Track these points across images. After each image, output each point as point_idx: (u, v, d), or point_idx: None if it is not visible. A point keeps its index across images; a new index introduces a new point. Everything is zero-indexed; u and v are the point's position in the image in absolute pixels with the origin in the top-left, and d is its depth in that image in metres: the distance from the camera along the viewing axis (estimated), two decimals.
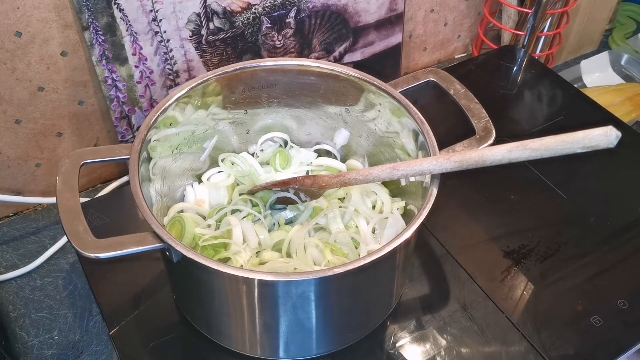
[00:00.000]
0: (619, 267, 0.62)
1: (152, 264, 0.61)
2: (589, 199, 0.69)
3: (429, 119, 0.55)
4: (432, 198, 0.49)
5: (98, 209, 0.66)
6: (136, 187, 0.48)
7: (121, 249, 0.45)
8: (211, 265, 0.43)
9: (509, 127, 0.78)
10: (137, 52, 0.67)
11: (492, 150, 0.46)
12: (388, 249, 0.45)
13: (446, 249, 0.63)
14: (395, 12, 0.82)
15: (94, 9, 0.62)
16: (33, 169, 0.71)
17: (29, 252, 0.69)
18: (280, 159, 0.65)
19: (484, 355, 0.55)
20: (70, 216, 0.46)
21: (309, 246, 0.56)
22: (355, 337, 0.56)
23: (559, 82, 0.84)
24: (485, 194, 0.69)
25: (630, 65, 0.96)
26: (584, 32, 0.96)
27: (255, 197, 0.62)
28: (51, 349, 0.60)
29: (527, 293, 0.60)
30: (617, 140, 0.39)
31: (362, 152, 0.66)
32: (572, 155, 0.42)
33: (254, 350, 0.54)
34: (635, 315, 0.58)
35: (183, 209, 0.61)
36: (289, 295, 0.47)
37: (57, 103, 0.68)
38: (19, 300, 0.64)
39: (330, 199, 0.62)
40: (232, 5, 0.69)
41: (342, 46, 0.81)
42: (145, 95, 0.71)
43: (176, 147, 0.59)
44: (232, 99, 0.61)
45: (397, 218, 0.58)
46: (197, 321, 0.56)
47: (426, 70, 0.63)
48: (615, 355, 0.55)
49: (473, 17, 0.96)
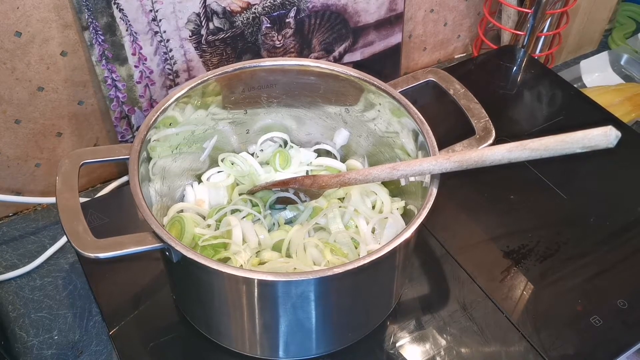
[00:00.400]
0: (618, 267, 0.62)
1: (152, 264, 0.61)
2: (588, 199, 0.69)
3: (428, 119, 0.55)
4: (431, 198, 0.49)
5: (98, 209, 0.66)
6: (136, 187, 0.48)
7: (121, 249, 0.45)
8: (211, 265, 0.43)
9: (508, 127, 0.78)
10: (137, 52, 0.67)
11: (491, 150, 0.46)
12: (388, 249, 0.45)
13: (446, 249, 0.63)
14: (395, 12, 0.82)
15: (93, 9, 0.62)
16: (33, 169, 0.71)
17: (28, 252, 0.69)
18: (280, 159, 0.65)
19: (484, 355, 0.55)
20: (70, 216, 0.46)
21: (308, 246, 0.56)
22: (355, 337, 0.56)
23: (559, 82, 0.84)
24: (485, 194, 0.69)
25: (629, 65, 0.96)
26: (583, 32, 0.96)
27: (255, 197, 0.62)
28: (51, 349, 0.60)
29: (527, 293, 0.60)
30: (617, 140, 0.39)
31: (362, 152, 0.66)
32: (572, 155, 0.42)
33: (253, 350, 0.54)
34: (635, 315, 0.58)
35: (183, 209, 0.61)
36: (289, 295, 0.47)
37: (57, 103, 0.67)
38: (19, 300, 0.64)
39: (330, 199, 0.62)
40: (232, 5, 0.69)
41: (342, 46, 0.81)
42: (145, 95, 0.71)
43: (176, 147, 0.59)
44: (231, 99, 0.61)
45: (397, 218, 0.58)
46: (197, 321, 0.56)
47: (426, 70, 0.63)
48: (615, 355, 0.55)
49: (473, 17, 0.96)
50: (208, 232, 0.57)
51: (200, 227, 0.58)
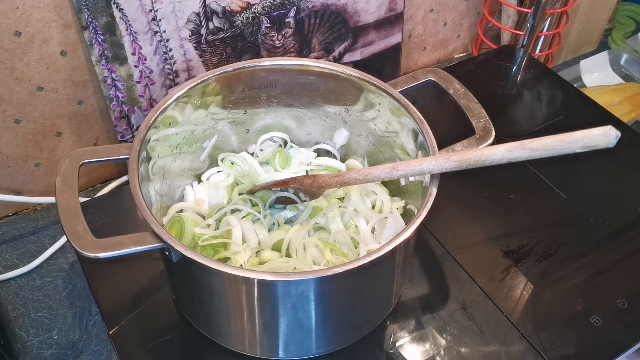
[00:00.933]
0: (618, 267, 0.62)
1: (152, 263, 0.61)
2: (588, 199, 0.69)
3: (428, 118, 0.55)
4: (431, 198, 0.49)
5: (97, 209, 0.66)
6: (136, 187, 0.48)
7: (121, 249, 0.45)
8: (211, 265, 0.43)
9: (508, 126, 0.78)
10: (137, 52, 0.67)
11: (491, 150, 0.46)
12: (387, 249, 0.45)
13: (446, 248, 0.63)
14: (395, 11, 0.82)
15: (93, 9, 0.62)
16: (32, 169, 0.71)
17: (28, 252, 0.69)
18: (280, 158, 0.65)
19: (484, 355, 0.55)
20: (70, 216, 0.46)
21: (308, 246, 0.56)
22: (354, 337, 0.56)
23: (559, 82, 0.84)
24: (485, 194, 0.69)
25: (629, 65, 0.96)
26: (583, 31, 0.96)
27: (254, 196, 0.62)
28: (50, 348, 0.60)
29: (527, 293, 0.60)
30: (617, 140, 0.39)
31: (362, 151, 0.66)
32: (572, 155, 0.42)
33: (253, 350, 0.54)
34: (634, 315, 0.58)
35: (182, 208, 0.61)
36: (289, 295, 0.47)
37: (57, 103, 0.67)
38: (19, 300, 0.64)
39: (330, 198, 0.62)
40: (232, 4, 0.69)
41: (342, 46, 0.81)
42: (145, 95, 0.71)
43: (176, 147, 0.59)
44: (231, 99, 0.61)
45: (397, 218, 0.58)
46: (197, 321, 0.56)
47: (426, 70, 0.63)
48: (614, 355, 0.55)
49: (472, 16, 0.96)
50: (208, 232, 0.57)
51: (200, 227, 0.58)
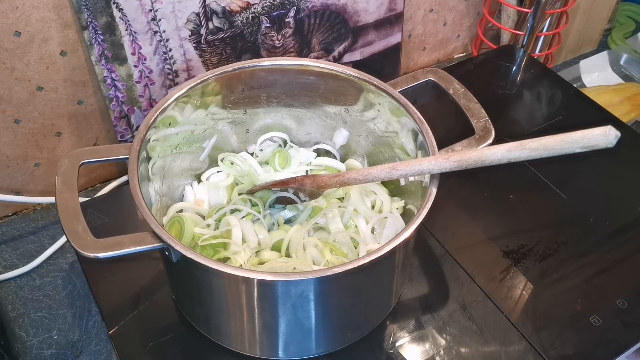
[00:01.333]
0: (618, 267, 0.62)
1: (152, 263, 0.61)
2: (588, 199, 0.69)
3: (428, 118, 0.55)
4: (431, 198, 0.49)
5: (97, 209, 0.66)
6: (135, 187, 0.48)
7: (120, 249, 0.45)
8: (210, 265, 0.43)
9: (508, 126, 0.78)
10: (137, 52, 0.67)
11: (491, 150, 0.46)
12: (387, 249, 0.45)
13: (445, 248, 0.63)
14: (395, 11, 0.82)
15: (93, 9, 0.61)
16: (32, 169, 0.71)
17: (28, 252, 0.69)
18: (280, 158, 0.65)
19: (483, 355, 0.55)
20: (70, 216, 0.46)
21: (308, 246, 0.56)
22: (354, 337, 0.56)
23: (558, 82, 0.84)
24: (485, 194, 0.69)
25: (629, 65, 0.96)
26: (583, 31, 0.96)
27: (254, 196, 0.62)
28: (50, 348, 0.60)
29: (527, 293, 0.60)
30: (616, 140, 0.39)
31: (362, 151, 0.66)
32: (572, 155, 0.42)
33: (253, 350, 0.54)
34: (634, 315, 0.58)
35: (182, 208, 0.61)
36: (288, 295, 0.47)
37: (56, 103, 0.67)
38: (18, 300, 0.64)
39: (330, 198, 0.62)
40: (232, 4, 0.69)
41: (342, 46, 0.81)
42: (145, 95, 0.71)
43: (175, 147, 0.59)
44: (231, 99, 0.61)
45: (397, 218, 0.58)
46: (197, 321, 0.56)
47: (425, 70, 0.63)
48: (614, 355, 0.55)
49: (472, 16, 0.96)
50: (207, 232, 0.57)
51: (199, 227, 0.58)
